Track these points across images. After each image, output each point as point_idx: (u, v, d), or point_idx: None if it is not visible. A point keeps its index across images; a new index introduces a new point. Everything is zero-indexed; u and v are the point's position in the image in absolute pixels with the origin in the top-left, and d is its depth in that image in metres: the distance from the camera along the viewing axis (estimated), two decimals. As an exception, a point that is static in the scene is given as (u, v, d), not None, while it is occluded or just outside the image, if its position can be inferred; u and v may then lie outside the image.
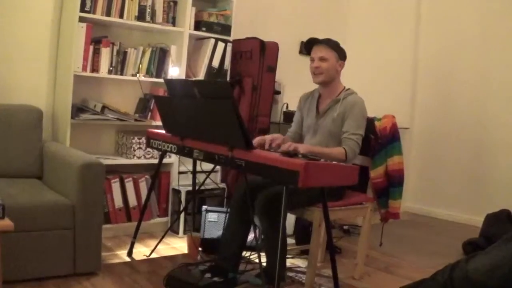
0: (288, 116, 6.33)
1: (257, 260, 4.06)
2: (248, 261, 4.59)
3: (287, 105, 6.56)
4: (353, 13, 8.21)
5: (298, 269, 4.91)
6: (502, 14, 7.16)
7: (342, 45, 4.58)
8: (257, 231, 4.18)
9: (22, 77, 5.24)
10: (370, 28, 8.13)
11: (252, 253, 4.70)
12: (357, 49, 6.66)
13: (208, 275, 4.18)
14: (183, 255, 5.10)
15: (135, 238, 4.95)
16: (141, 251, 5.05)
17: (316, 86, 4.67)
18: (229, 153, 3.67)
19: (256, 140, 4.21)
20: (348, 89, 4.54)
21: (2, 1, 5.07)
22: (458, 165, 7.57)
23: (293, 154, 3.60)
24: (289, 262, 4.97)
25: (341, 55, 4.50)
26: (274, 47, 6.25)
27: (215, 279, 4.14)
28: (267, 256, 4.16)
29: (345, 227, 6.36)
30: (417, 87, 8.09)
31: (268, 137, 4.24)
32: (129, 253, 4.92)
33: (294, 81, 6.51)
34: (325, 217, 3.92)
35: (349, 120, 4.33)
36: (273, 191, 4.02)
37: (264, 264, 4.14)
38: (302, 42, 7.44)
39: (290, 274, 4.74)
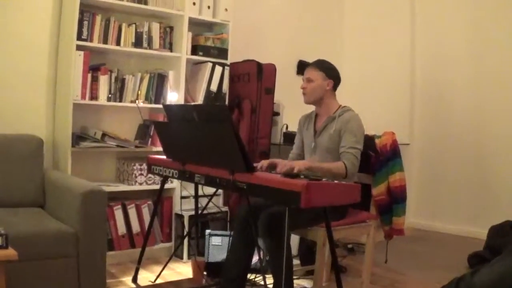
0: (288, 137, 6.33)
1: (262, 283, 4.05)
2: (254, 283, 4.59)
3: (287, 126, 6.56)
4: (348, 31, 8.25)
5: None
6: (496, 24, 7.19)
7: (333, 64, 4.60)
8: (261, 253, 4.17)
9: (21, 106, 5.26)
10: (365, 46, 8.17)
11: (257, 275, 4.68)
12: (354, 67, 6.68)
13: (213, 299, 4.18)
14: (188, 279, 5.09)
15: (139, 264, 4.94)
16: (146, 277, 5.03)
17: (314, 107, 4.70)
18: (230, 177, 3.67)
19: (259, 165, 4.19)
20: (344, 106, 4.55)
21: (-1, 32, 5.11)
22: (459, 178, 7.57)
23: (294, 175, 3.59)
24: (295, 283, 4.96)
25: (329, 74, 4.51)
26: (272, 68, 6.26)
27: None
28: (273, 277, 4.14)
29: (349, 246, 6.35)
30: (415, 102, 8.09)
31: (272, 161, 4.23)
32: (134, 280, 4.91)
33: (293, 101, 6.50)
34: (329, 236, 3.91)
35: (346, 135, 4.33)
36: (275, 210, 4.02)
37: (271, 286, 4.13)
38: (299, 62, 7.47)
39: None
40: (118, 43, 5.47)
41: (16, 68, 5.23)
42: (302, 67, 4.61)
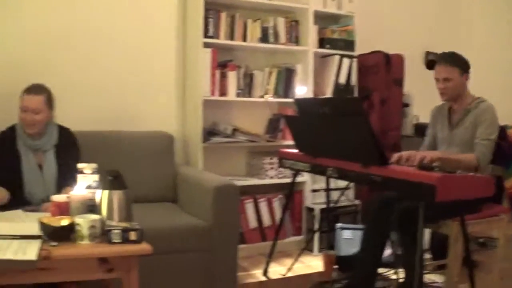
0: (420, 128, 6.21)
1: (393, 277, 4.01)
2: (385, 278, 4.54)
3: (418, 117, 6.46)
4: (476, 17, 8.02)
5: (434, 284, 4.81)
6: None
7: (462, 54, 4.43)
8: (393, 246, 4.13)
9: (152, 104, 5.42)
10: (495, 32, 7.93)
11: (389, 269, 4.64)
12: (482, 55, 6.49)
13: (344, 293, 4.17)
14: (319, 273, 5.06)
15: (270, 257, 4.96)
16: (276, 270, 5.06)
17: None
18: (363, 170, 3.63)
19: (393, 158, 4.14)
20: (479, 97, 4.42)
21: (129, 35, 5.30)
22: None
23: (429, 167, 3.53)
24: (426, 277, 4.88)
25: (464, 67, 4.34)
26: (399, 59, 6.20)
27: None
28: (405, 272, 4.09)
29: (480, 240, 6.20)
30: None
31: (404, 154, 4.17)
32: (265, 273, 4.93)
33: (423, 92, 6.39)
34: (463, 230, 3.83)
35: (480, 126, 4.20)
36: (408, 205, 3.96)
37: (401, 280, 4.08)
38: (427, 52, 7.33)
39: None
40: (244, 39, 5.53)
41: (146, 68, 5.39)
42: (431, 64, 4.48)
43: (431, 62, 4.51)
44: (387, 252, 4.41)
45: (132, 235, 2.93)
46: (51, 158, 4.11)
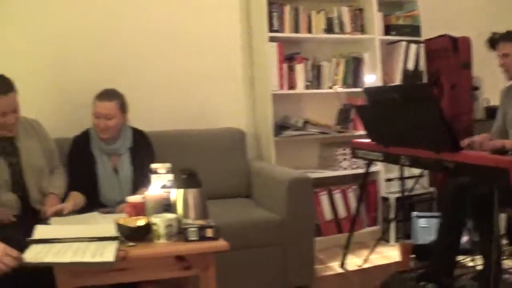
0: (490, 111, 6.08)
1: (471, 264, 3.95)
2: (463, 265, 4.48)
3: (488, 100, 6.35)
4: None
5: (511, 270, 4.74)
6: None
7: None
8: (470, 233, 4.07)
9: (221, 101, 5.47)
10: None
11: (466, 257, 4.58)
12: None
13: (422, 282, 4.12)
14: (396, 263, 5.02)
15: (347, 248, 4.96)
16: (353, 262, 5.05)
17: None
18: (436, 156, 3.60)
19: (464, 142, 4.09)
20: (548, 73, 4.35)
21: (195, 33, 5.37)
22: None
23: (503, 151, 3.48)
24: (503, 263, 4.79)
25: None
26: (467, 42, 6.09)
27: (430, 286, 4.08)
28: (483, 259, 4.03)
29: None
30: None
31: (477, 139, 4.12)
32: (342, 264, 4.93)
33: (492, 74, 6.28)
34: (538, 215, 3.77)
35: None
36: (483, 190, 3.90)
37: (479, 267, 4.03)
38: (493, 33, 7.17)
39: (504, 276, 4.57)
40: (309, 31, 5.53)
41: (213, 66, 5.44)
42: (492, 42, 4.45)
43: (491, 41, 4.47)
44: (464, 239, 4.35)
45: (209, 232, 2.95)
46: (126, 161, 4.17)
